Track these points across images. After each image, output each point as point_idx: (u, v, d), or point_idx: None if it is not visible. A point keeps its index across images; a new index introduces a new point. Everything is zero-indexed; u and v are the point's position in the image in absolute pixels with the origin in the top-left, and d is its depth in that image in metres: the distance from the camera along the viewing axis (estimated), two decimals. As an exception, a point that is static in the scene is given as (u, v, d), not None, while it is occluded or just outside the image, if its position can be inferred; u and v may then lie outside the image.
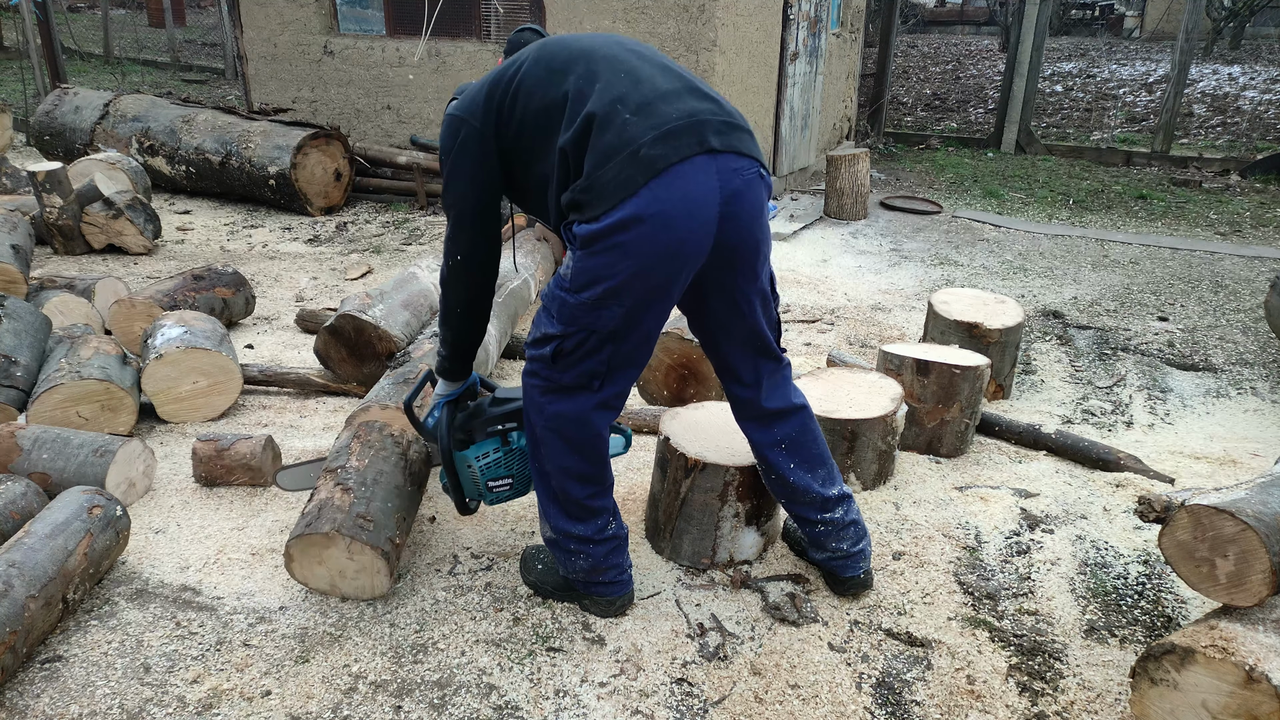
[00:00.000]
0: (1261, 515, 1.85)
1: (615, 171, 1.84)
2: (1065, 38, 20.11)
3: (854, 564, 2.34)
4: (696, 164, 1.86)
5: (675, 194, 1.85)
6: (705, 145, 1.87)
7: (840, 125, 8.59)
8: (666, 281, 1.93)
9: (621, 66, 1.95)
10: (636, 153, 1.83)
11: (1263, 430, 3.46)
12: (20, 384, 3.01)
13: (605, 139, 1.86)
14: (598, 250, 1.89)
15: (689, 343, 3.20)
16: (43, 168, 4.77)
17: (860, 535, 2.34)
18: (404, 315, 3.28)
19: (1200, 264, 5.63)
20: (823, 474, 2.28)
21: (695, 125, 1.88)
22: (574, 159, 1.91)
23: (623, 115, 1.86)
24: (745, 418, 2.27)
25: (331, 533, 2.21)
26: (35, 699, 1.98)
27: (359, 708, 1.98)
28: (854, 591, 2.37)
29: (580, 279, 1.93)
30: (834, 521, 2.30)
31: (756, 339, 2.16)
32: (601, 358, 2.00)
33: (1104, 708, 2.03)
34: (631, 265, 1.88)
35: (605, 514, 2.21)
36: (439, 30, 6.68)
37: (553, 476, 2.15)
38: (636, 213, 1.84)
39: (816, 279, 5.18)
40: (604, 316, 1.94)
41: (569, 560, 2.23)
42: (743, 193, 1.93)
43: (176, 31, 15.24)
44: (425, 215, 6.25)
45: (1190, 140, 9.64)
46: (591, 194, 1.87)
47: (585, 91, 1.91)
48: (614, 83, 1.91)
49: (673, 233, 1.86)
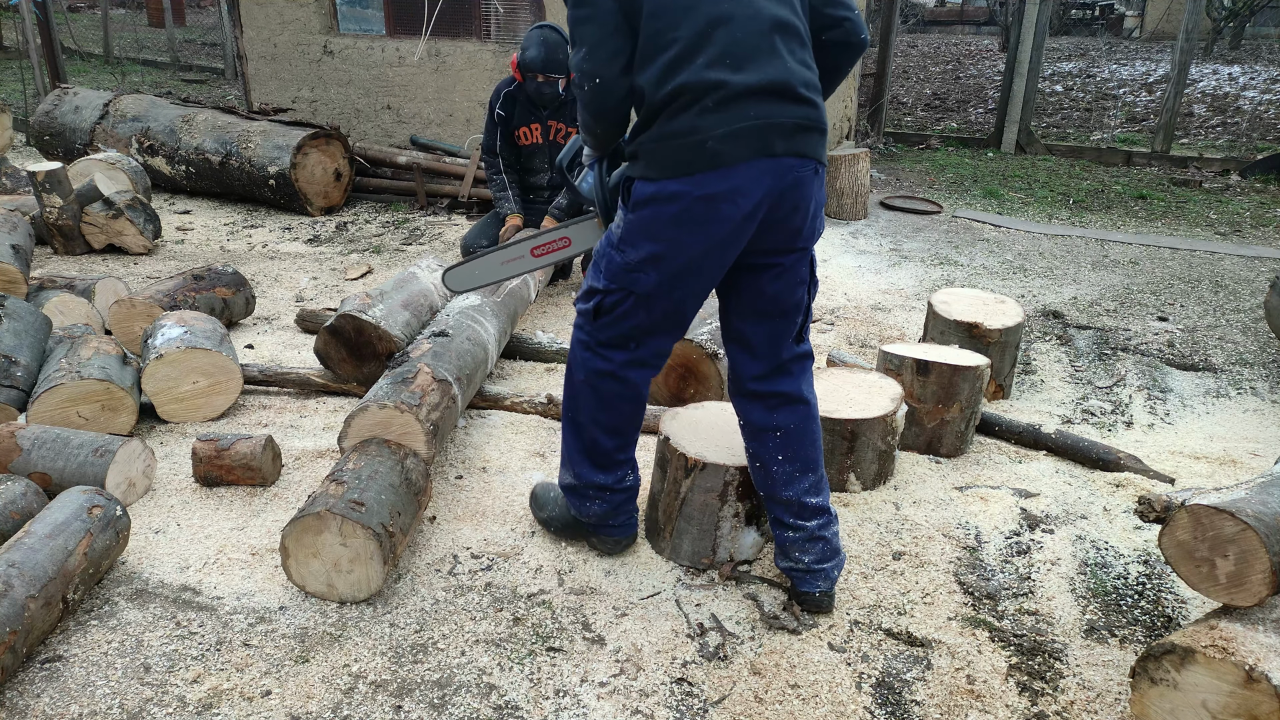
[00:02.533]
0: (1261, 515, 1.85)
1: (678, 150, 1.96)
2: (1065, 38, 20.11)
3: (812, 580, 2.28)
4: (753, 165, 1.96)
5: (725, 186, 1.96)
6: (768, 149, 1.96)
7: (840, 125, 8.59)
8: (702, 259, 2.04)
9: (734, 42, 1.93)
10: (704, 143, 1.93)
11: (1263, 430, 3.46)
12: (20, 384, 3.01)
13: (682, 118, 1.94)
14: (645, 216, 2.03)
15: (689, 343, 3.20)
16: (43, 168, 4.77)
17: (827, 555, 2.28)
18: (404, 315, 3.28)
19: (1200, 264, 5.63)
20: (811, 480, 2.27)
21: (766, 129, 1.95)
22: (648, 107, 1.97)
23: (704, 102, 1.92)
24: (746, 395, 2.26)
25: (323, 513, 2.22)
26: (35, 699, 1.98)
27: (359, 708, 1.98)
28: (809, 609, 2.30)
29: (629, 238, 2.07)
30: (803, 529, 2.26)
31: (780, 316, 2.19)
32: (635, 321, 2.14)
33: (1104, 708, 2.04)
34: (672, 236, 2.01)
35: (627, 465, 2.40)
36: (439, 30, 6.68)
37: (585, 428, 2.30)
38: (686, 191, 1.96)
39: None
40: (641, 280, 2.07)
41: (584, 505, 2.40)
42: (795, 187, 2.02)
43: (176, 31, 15.24)
44: (425, 215, 6.25)
45: (1190, 140, 9.64)
46: (653, 157, 2.00)
47: (691, 52, 1.92)
48: (718, 59, 1.92)
49: (715, 218, 1.98)
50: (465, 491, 2.85)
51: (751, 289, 2.17)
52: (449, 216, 6.22)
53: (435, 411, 2.74)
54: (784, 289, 2.16)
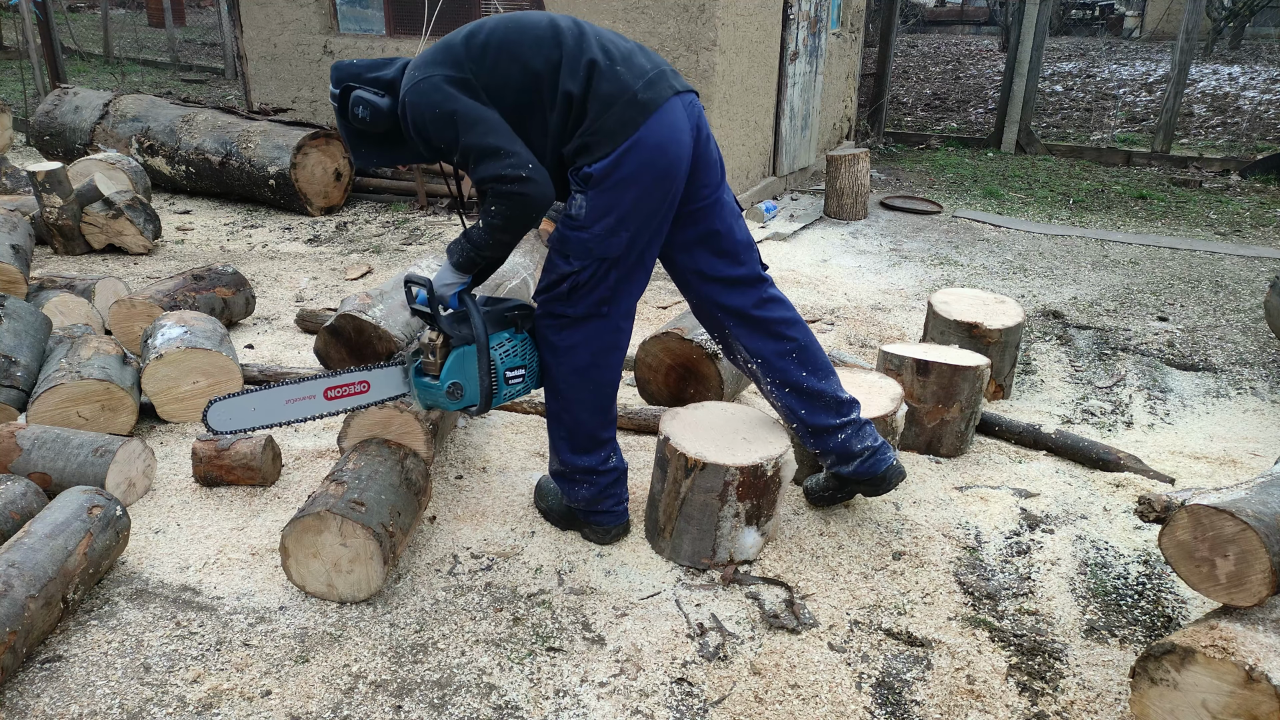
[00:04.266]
0: (1261, 515, 1.85)
1: (617, 115, 2.16)
2: (1065, 38, 20.11)
3: (883, 457, 2.53)
4: (673, 102, 2.22)
5: (665, 126, 2.19)
6: (673, 89, 2.24)
7: (840, 125, 8.59)
8: (661, 200, 2.24)
9: (590, 29, 2.26)
10: (634, 98, 2.16)
11: (1263, 430, 3.46)
12: (20, 384, 3.01)
13: (605, 87, 2.16)
14: (609, 185, 2.18)
15: (689, 343, 3.20)
16: (43, 168, 4.77)
17: (875, 432, 2.55)
18: (404, 315, 3.28)
19: (1200, 264, 5.64)
20: (834, 380, 2.51)
21: (661, 74, 2.24)
22: (578, 104, 2.18)
23: (614, 67, 2.18)
24: (751, 328, 2.45)
25: (323, 512, 2.22)
26: (35, 699, 1.98)
27: (359, 708, 1.98)
28: (895, 481, 2.55)
29: (594, 214, 2.20)
30: (853, 422, 2.50)
31: (739, 246, 2.43)
32: (609, 283, 2.29)
33: (1104, 708, 2.04)
34: (637, 190, 2.19)
35: (609, 445, 2.51)
36: (439, 30, 6.68)
37: (566, 413, 2.44)
38: (637, 144, 2.16)
39: (816, 279, 5.18)
40: (613, 243, 2.23)
41: (573, 490, 2.53)
42: (701, 117, 2.33)
43: (176, 31, 15.24)
44: (425, 215, 6.25)
45: (1190, 140, 9.64)
46: (599, 135, 2.17)
47: (579, 46, 2.19)
48: (597, 40, 2.23)
49: (666, 155, 2.20)
50: (465, 491, 2.85)
51: (707, 232, 2.38)
52: (449, 216, 6.22)
53: (435, 410, 2.74)
54: (729, 217, 2.41)
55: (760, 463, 2.37)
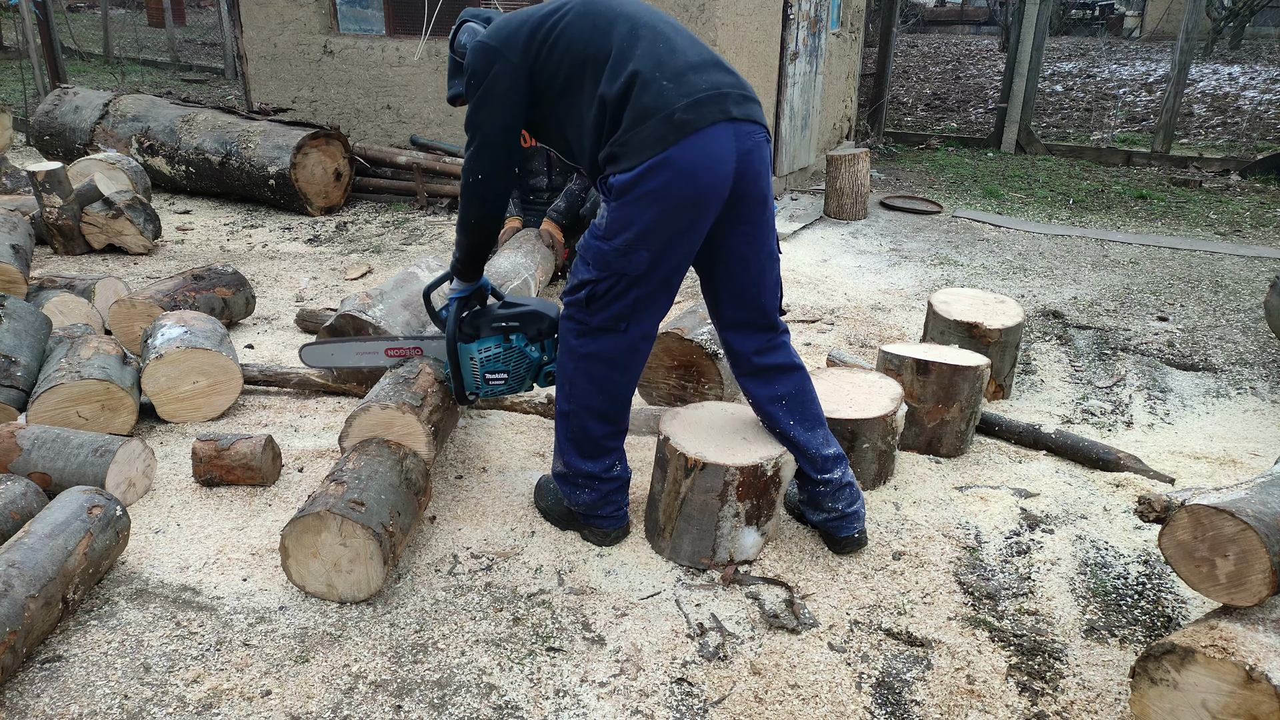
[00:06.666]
0: (1261, 515, 1.85)
1: (651, 130, 2.10)
2: (1065, 38, 20.11)
3: (849, 524, 2.49)
4: (719, 128, 2.13)
5: (699, 150, 2.11)
6: (727, 114, 2.15)
7: (840, 125, 8.59)
8: (688, 227, 2.18)
9: (659, 36, 2.19)
10: (671, 116, 2.09)
11: (1263, 430, 3.46)
12: (20, 384, 3.01)
13: (645, 99, 2.11)
14: (630, 200, 2.14)
15: (689, 343, 3.20)
16: (43, 168, 4.77)
17: (855, 497, 2.50)
18: (404, 315, 3.28)
19: (1200, 264, 5.64)
20: (821, 434, 2.47)
21: (719, 97, 2.15)
22: (613, 110, 2.15)
23: (660, 81, 2.12)
24: (746, 373, 2.46)
25: (323, 512, 2.22)
26: (35, 699, 1.98)
27: (359, 708, 1.98)
28: (849, 550, 2.52)
29: (614, 226, 2.18)
30: (831, 482, 2.46)
31: (762, 292, 2.38)
32: (628, 301, 2.25)
33: (1104, 708, 2.04)
34: (659, 211, 2.13)
35: (615, 454, 2.49)
36: (439, 30, 6.68)
37: (575, 416, 2.41)
38: (666, 163, 2.09)
39: (816, 279, 5.18)
40: (633, 261, 2.19)
41: (574, 493, 2.50)
42: (753, 151, 2.21)
43: (176, 31, 15.24)
44: (425, 215, 6.25)
45: (1190, 140, 9.64)
46: (628, 148, 2.12)
47: (629, 51, 2.15)
48: (654, 49, 2.16)
49: (696, 182, 2.12)
50: (465, 491, 2.85)
51: (736, 259, 2.33)
52: (449, 216, 6.22)
53: (437, 413, 2.74)
54: (763, 259, 2.35)
55: (760, 463, 2.37)
